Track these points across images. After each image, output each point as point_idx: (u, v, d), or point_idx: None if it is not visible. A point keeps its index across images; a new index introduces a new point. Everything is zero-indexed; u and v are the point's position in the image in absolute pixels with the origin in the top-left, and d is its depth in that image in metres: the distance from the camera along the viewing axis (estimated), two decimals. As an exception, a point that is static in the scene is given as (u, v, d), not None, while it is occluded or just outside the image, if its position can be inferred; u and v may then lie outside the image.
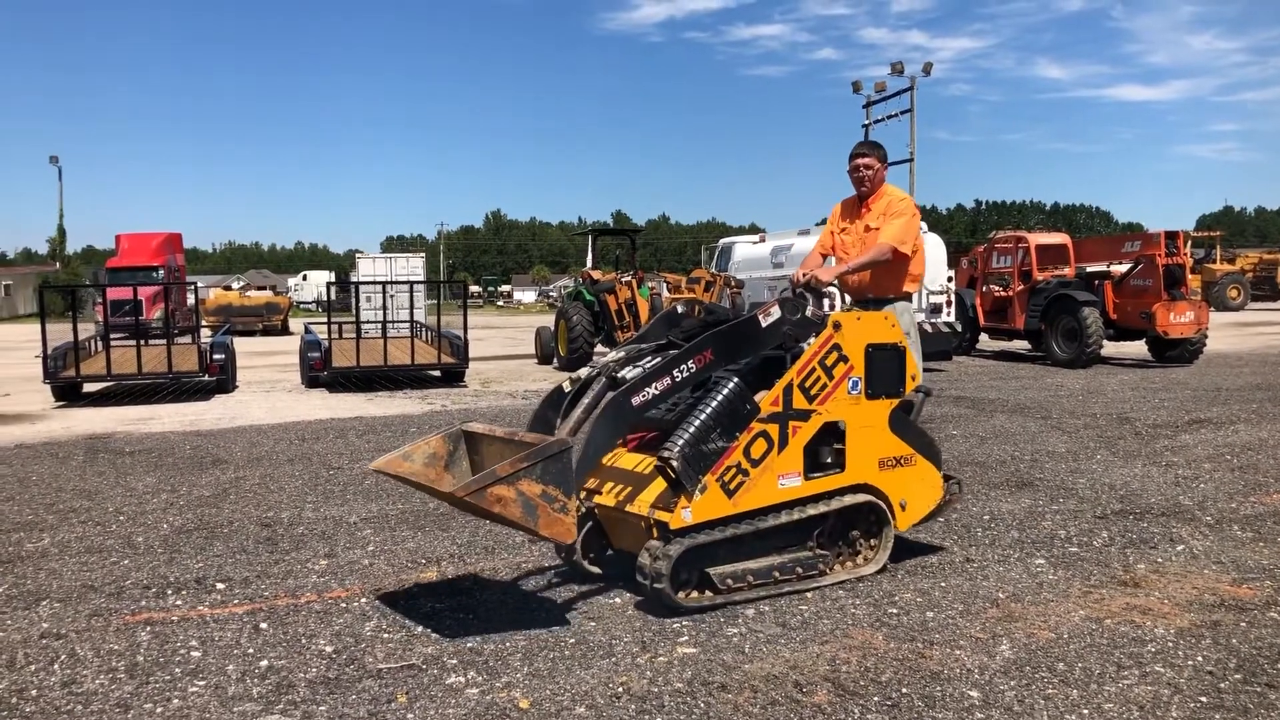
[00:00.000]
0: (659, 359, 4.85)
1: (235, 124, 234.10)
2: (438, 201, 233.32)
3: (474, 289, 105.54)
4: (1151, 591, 4.85)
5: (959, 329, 18.46)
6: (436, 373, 16.18)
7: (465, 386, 15.52)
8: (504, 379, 16.86)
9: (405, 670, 3.98)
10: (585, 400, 4.66)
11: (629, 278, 17.13)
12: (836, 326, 4.99)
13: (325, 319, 16.87)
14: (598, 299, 17.59)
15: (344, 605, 4.82)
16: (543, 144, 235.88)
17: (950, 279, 18.70)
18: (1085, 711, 3.53)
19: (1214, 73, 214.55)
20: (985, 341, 20.74)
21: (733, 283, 16.43)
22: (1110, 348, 18.53)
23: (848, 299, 6.26)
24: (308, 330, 17.41)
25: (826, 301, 5.66)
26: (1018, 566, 5.30)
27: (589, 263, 20.50)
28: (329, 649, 4.23)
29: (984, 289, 19.98)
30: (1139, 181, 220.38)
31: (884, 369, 5.13)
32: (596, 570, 5.09)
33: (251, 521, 6.53)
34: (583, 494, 4.98)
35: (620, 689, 3.76)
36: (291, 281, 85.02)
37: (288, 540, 6.06)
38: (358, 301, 18.85)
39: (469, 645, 4.25)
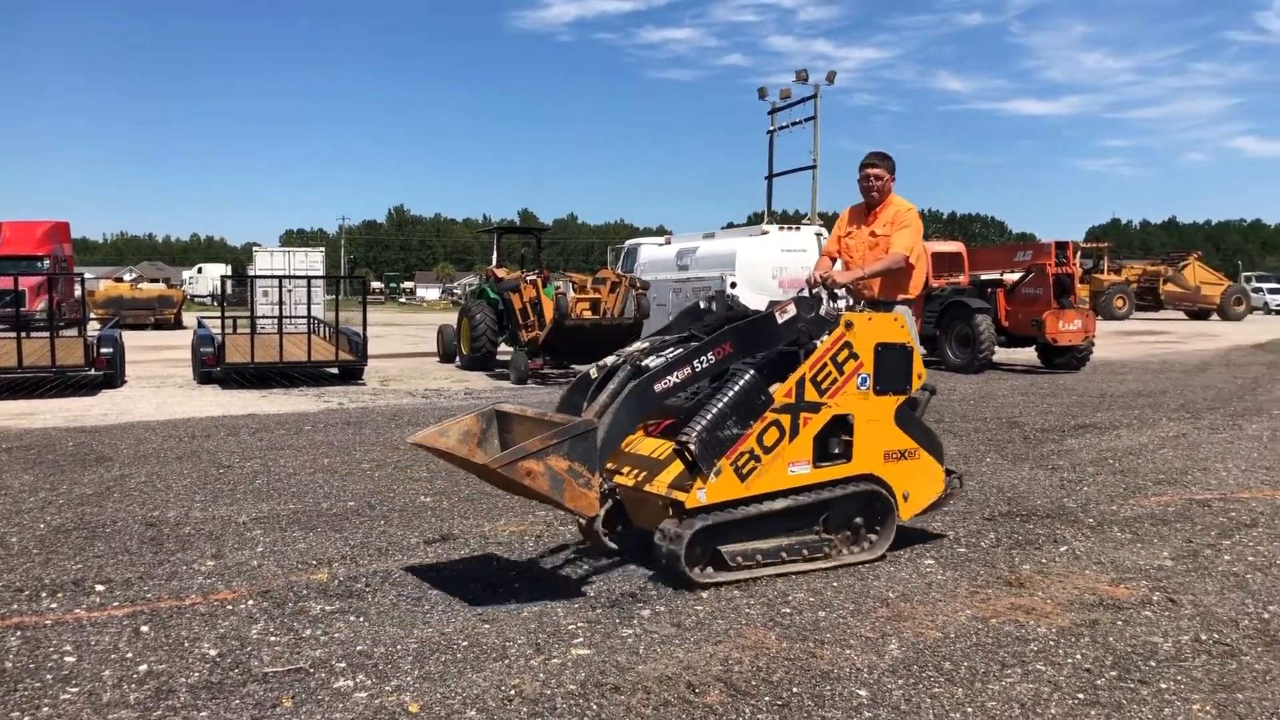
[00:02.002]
0: (680, 350, 5.17)
1: (129, 110, 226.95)
2: (340, 196, 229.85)
3: (376, 285, 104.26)
4: (1035, 591, 4.98)
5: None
6: (334, 370, 15.90)
7: (364, 384, 15.27)
8: (404, 377, 16.64)
9: (291, 674, 3.88)
10: (611, 386, 5.03)
11: (534, 277, 17.03)
12: (849, 325, 5.36)
13: (219, 313, 16.42)
14: (502, 297, 17.45)
15: (230, 607, 4.68)
16: (449, 139, 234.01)
17: (850, 284, 19.01)
18: (969, 710, 3.61)
19: (1105, 90, 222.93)
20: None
21: (638, 284, 16.41)
22: (1002, 354, 19.03)
23: (848, 300, 6.41)
24: (201, 325, 16.93)
25: (842, 302, 5.94)
26: (908, 567, 5.40)
27: (494, 261, 20.34)
28: (213, 652, 4.11)
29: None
30: (1033, 193, 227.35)
31: (892, 367, 5.47)
32: (613, 546, 5.20)
33: (135, 521, 6.31)
34: (605, 474, 5.15)
35: (512, 692, 3.72)
36: (186, 274, 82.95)
37: (173, 540, 5.87)
38: (253, 296, 18.38)
39: (359, 649, 4.16)
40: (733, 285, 17.41)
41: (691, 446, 4.80)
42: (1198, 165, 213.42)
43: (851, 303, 6.35)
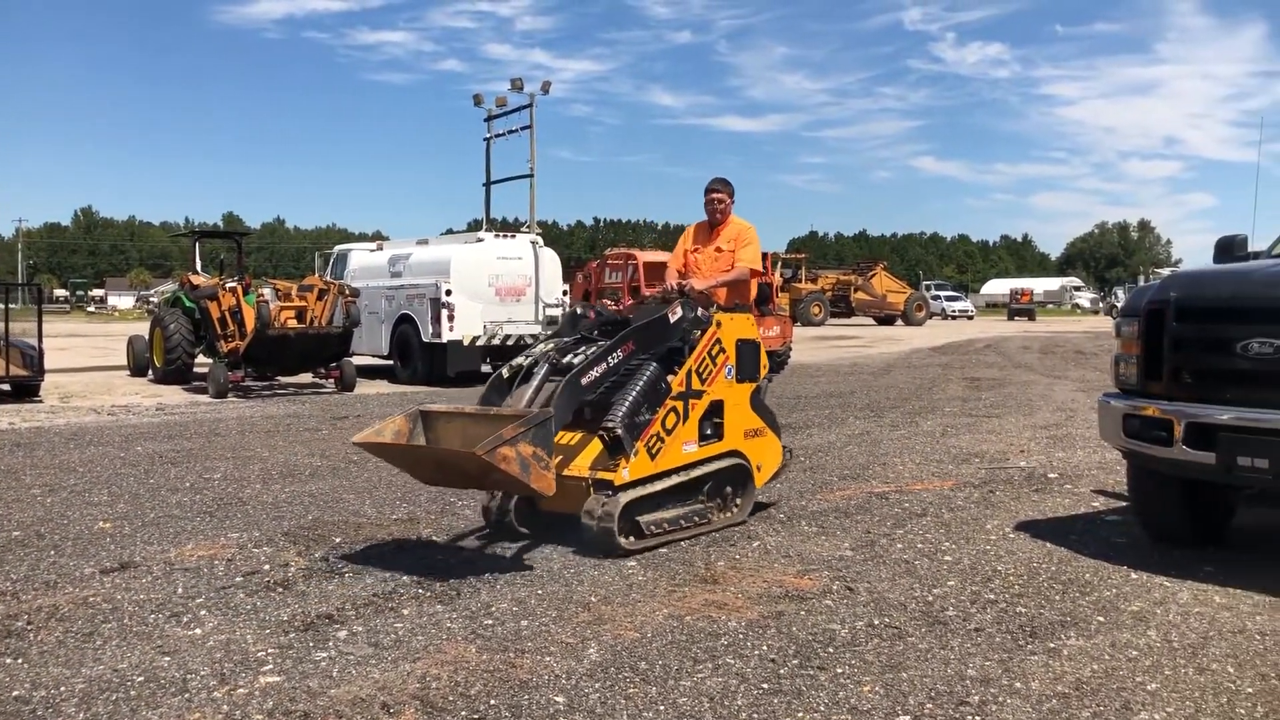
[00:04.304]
0: (593, 349, 5.95)
1: None
2: (17, 196, 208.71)
3: (60, 293, 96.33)
4: (728, 587, 5.20)
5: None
6: (5, 387, 14.46)
7: (40, 402, 14.02)
8: (89, 393, 15.39)
9: (-70, 730, 3.47)
10: (533, 383, 5.81)
11: (234, 284, 16.17)
12: (718, 324, 6.38)
13: None
14: (198, 306, 16.48)
15: None
16: (144, 137, 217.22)
17: (565, 292, 19.27)
18: (662, 708, 3.71)
19: (803, 110, 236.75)
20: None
21: (347, 291, 15.91)
22: (709, 359, 19.83)
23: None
24: None
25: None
26: (611, 570, 5.49)
27: (196, 267, 19.16)
28: None
29: (597, 303, 20.77)
30: (740, 206, 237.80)
31: (748, 358, 6.58)
32: (524, 530, 6.04)
33: None
34: None
35: (191, 728, 3.49)
36: None
37: None
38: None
39: (14, 694, 3.78)
40: (448, 293, 17.21)
41: (618, 431, 5.65)
42: (885, 182, 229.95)
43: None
